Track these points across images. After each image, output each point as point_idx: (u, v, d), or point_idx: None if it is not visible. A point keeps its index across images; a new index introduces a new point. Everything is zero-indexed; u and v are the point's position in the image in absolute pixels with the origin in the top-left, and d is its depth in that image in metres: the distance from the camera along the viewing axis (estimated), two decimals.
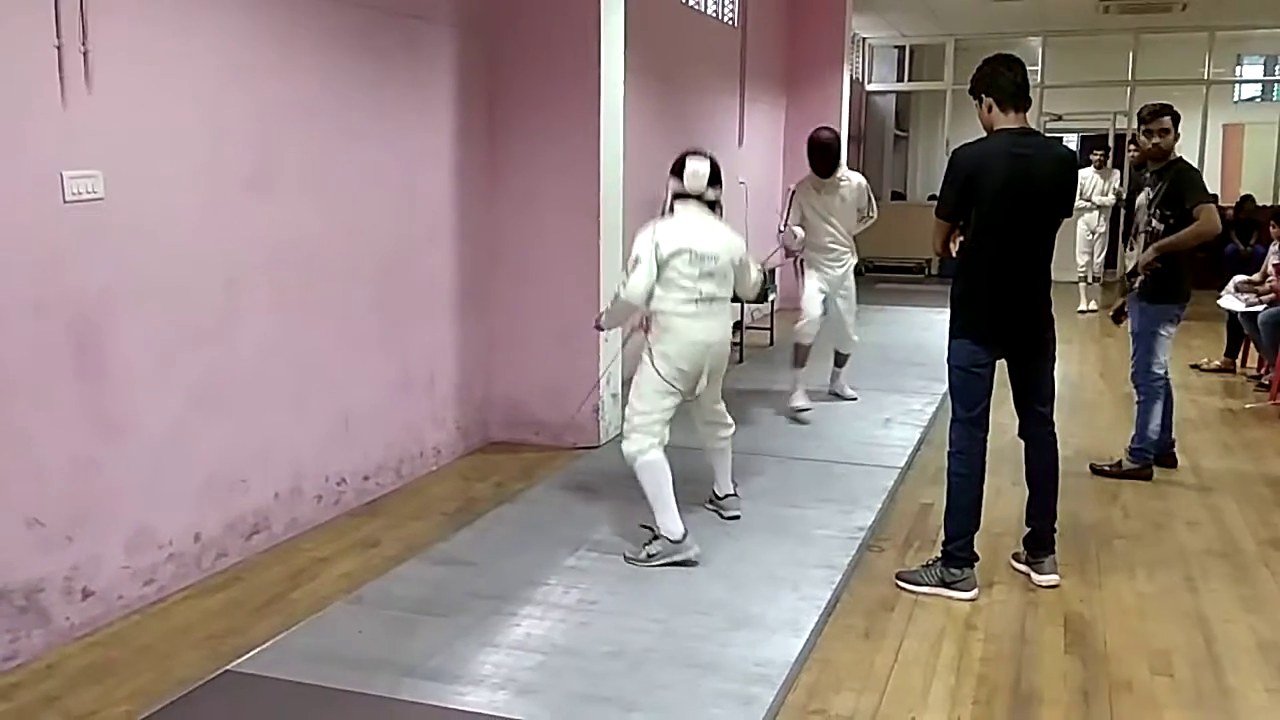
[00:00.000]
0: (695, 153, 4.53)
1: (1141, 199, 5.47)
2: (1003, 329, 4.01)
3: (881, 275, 14.59)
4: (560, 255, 5.93)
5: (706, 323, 4.39)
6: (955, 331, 4.07)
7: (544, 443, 6.07)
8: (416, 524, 4.83)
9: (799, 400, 6.70)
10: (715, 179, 4.48)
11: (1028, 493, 4.26)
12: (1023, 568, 4.25)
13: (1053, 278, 4.10)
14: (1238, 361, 8.50)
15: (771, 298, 9.27)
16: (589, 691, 3.26)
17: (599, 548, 4.44)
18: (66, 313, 3.51)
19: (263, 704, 3.21)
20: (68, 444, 3.56)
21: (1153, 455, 5.56)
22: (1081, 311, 11.52)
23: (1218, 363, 8.49)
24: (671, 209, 4.47)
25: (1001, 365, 4.11)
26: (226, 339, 4.19)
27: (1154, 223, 5.32)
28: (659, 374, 4.37)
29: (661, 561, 4.25)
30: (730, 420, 4.83)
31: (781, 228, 6.75)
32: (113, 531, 3.75)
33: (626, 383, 6.58)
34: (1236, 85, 16.08)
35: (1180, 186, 5.21)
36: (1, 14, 3.24)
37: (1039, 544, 4.22)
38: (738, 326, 9.02)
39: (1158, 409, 5.49)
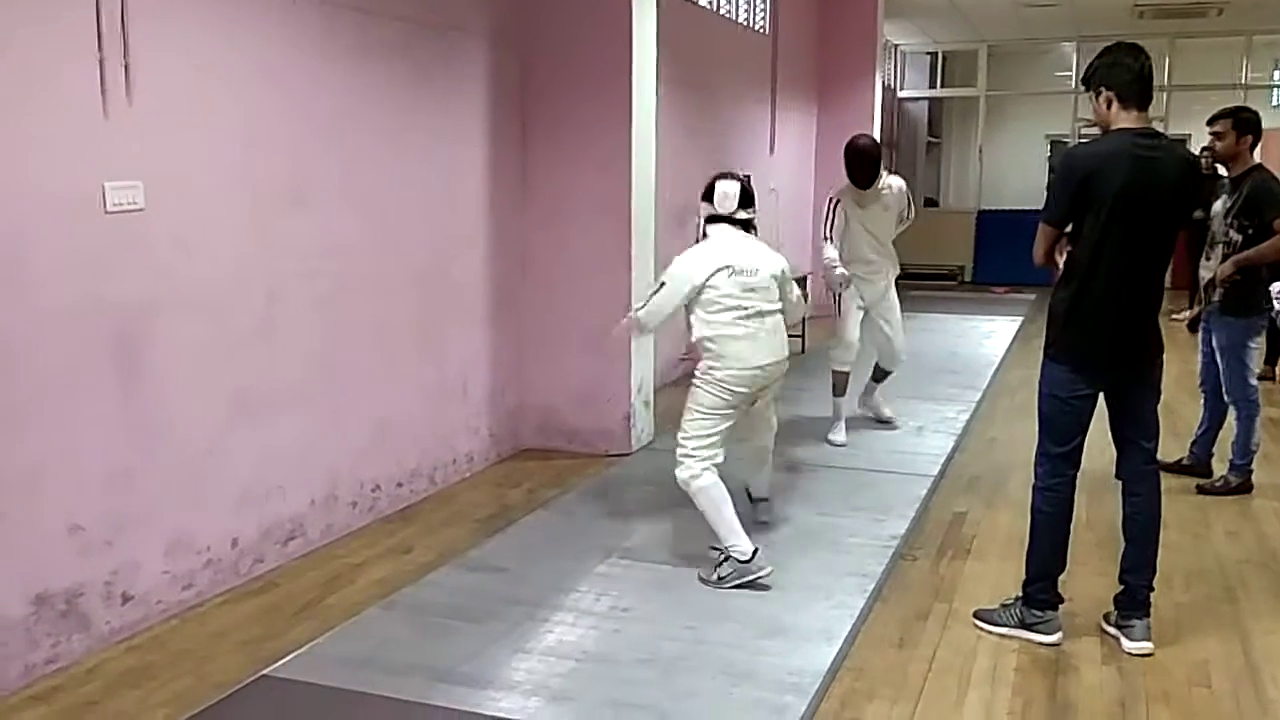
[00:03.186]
0: (725, 175, 4.50)
1: (1218, 207, 5.28)
2: (1111, 355, 3.56)
3: (915, 282, 14.50)
4: (592, 263, 5.96)
5: (760, 344, 4.25)
6: (1053, 355, 3.62)
7: (576, 450, 6.09)
8: (450, 530, 4.86)
9: (837, 435, 6.29)
10: (746, 200, 4.42)
11: (1123, 542, 3.76)
12: (1112, 631, 3.76)
13: None
14: (1277, 370, 8.38)
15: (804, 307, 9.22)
16: (621, 699, 3.26)
17: (631, 555, 4.45)
18: (108, 321, 3.57)
19: (298, 708, 3.24)
20: (108, 451, 3.61)
21: (1253, 469, 5.42)
22: None
23: (1259, 370, 8.37)
24: (705, 234, 4.44)
25: None
26: (264, 347, 4.24)
27: (1231, 233, 5.12)
28: (712, 398, 4.24)
29: (735, 583, 4.11)
30: (774, 424, 4.72)
31: (826, 235, 6.15)
32: (152, 537, 3.80)
33: (658, 390, 6.62)
34: (1274, 90, 15.89)
35: (1259, 197, 5.00)
36: (45, 28, 3.31)
37: (1132, 604, 3.70)
38: None
39: (1259, 422, 5.35)
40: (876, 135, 11.72)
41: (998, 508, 5.18)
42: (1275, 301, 5.29)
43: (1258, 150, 5.30)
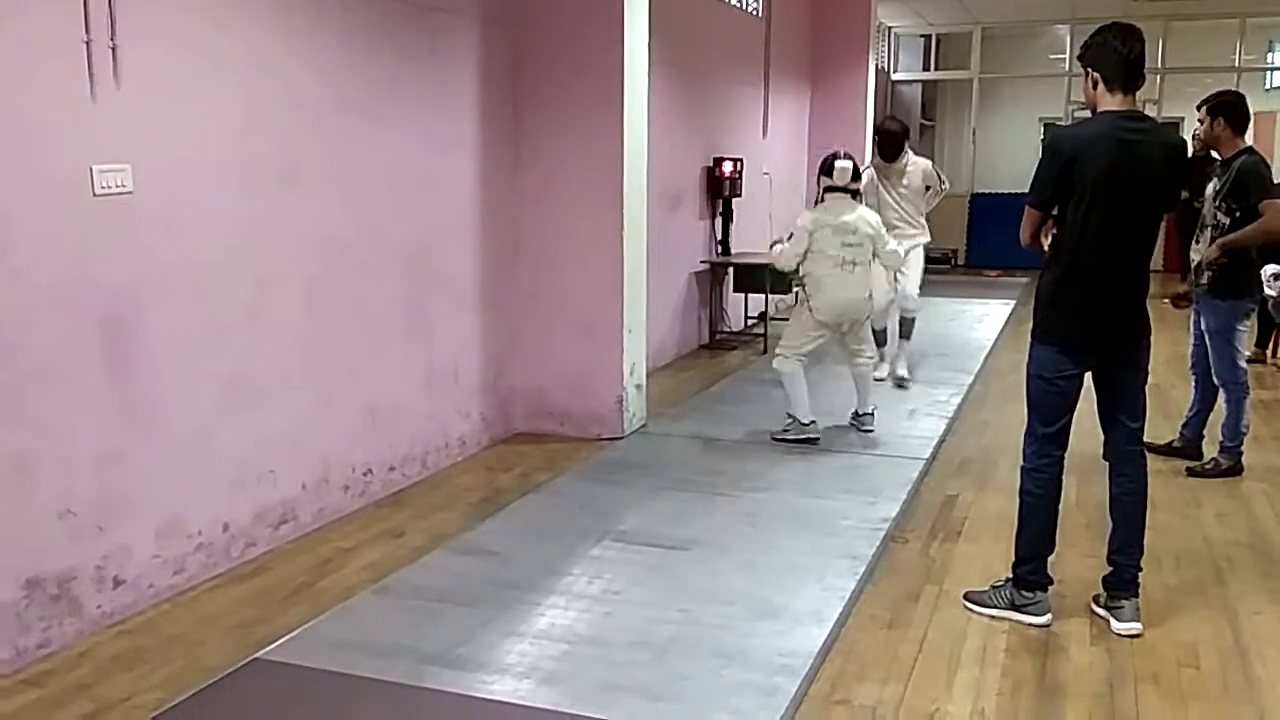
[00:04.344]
0: (839, 155, 5.89)
1: (1209, 190, 5.28)
2: (1096, 336, 3.58)
3: None
4: (584, 247, 5.95)
5: (847, 281, 5.74)
6: (1040, 336, 3.65)
7: (568, 433, 6.09)
8: (442, 514, 4.86)
9: (901, 368, 7.47)
10: (855, 176, 5.87)
11: (1110, 524, 3.79)
12: (1101, 612, 3.77)
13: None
14: (1269, 352, 8.41)
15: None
16: (613, 681, 3.27)
17: (623, 538, 4.46)
18: (97, 305, 3.56)
19: (290, 691, 3.24)
20: (98, 435, 3.60)
21: (1243, 451, 5.44)
22: None
23: (1249, 353, 8.38)
24: (822, 198, 5.87)
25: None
26: (254, 331, 4.23)
27: (1219, 216, 5.13)
28: (809, 319, 5.84)
29: (792, 437, 5.85)
30: (871, 351, 6.23)
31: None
32: (143, 521, 3.80)
33: (651, 374, 6.62)
34: (1268, 73, 15.88)
35: (1246, 180, 5.00)
36: (31, 9, 3.29)
37: (1120, 584, 3.72)
38: (761, 317, 9.03)
39: (1248, 405, 5.35)
40: (870, 118, 11.75)
41: (989, 490, 5.20)
42: (1266, 285, 5.30)
43: (1251, 132, 5.28)
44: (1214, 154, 5.51)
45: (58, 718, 3.12)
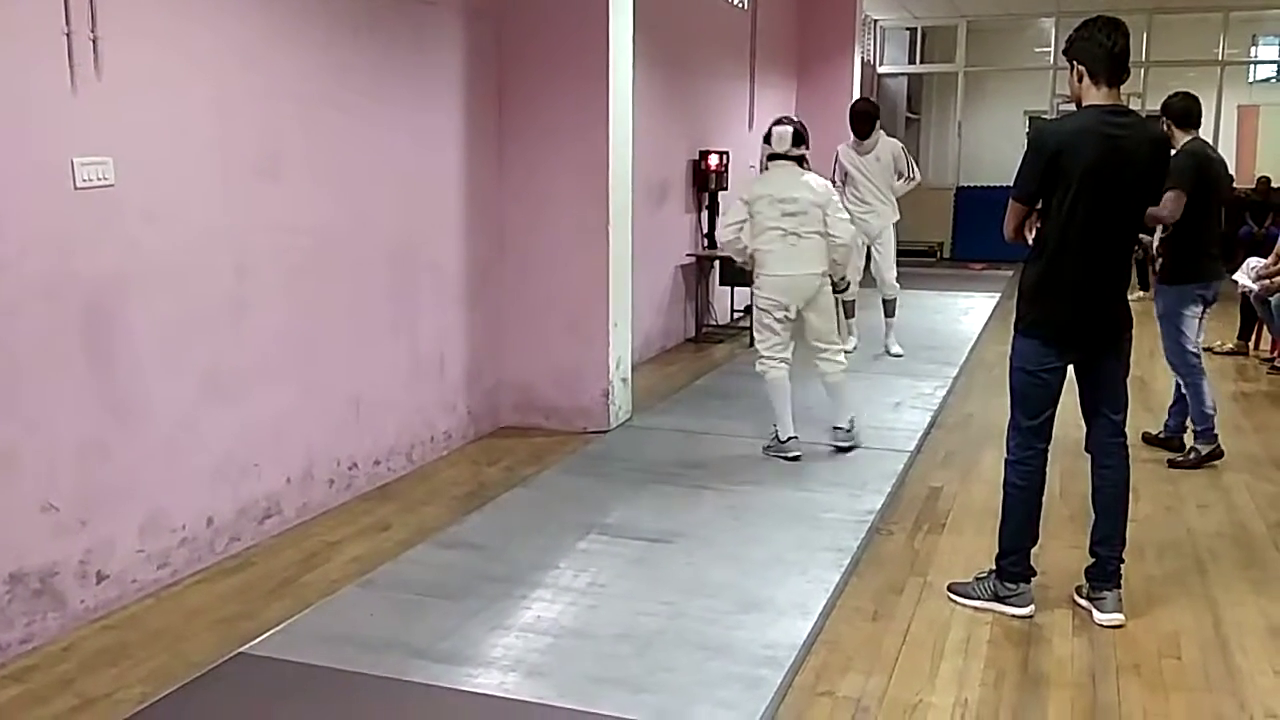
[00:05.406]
0: (781, 120, 5.58)
1: None
2: (1080, 328, 3.60)
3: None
4: (569, 240, 5.94)
5: (792, 257, 5.29)
6: (1023, 329, 3.66)
7: (554, 427, 6.09)
8: (427, 508, 4.86)
9: (893, 345, 8.04)
10: (798, 140, 5.44)
11: (1092, 515, 3.82)
12: (1083, 603, 3.80)
13: None
14: (1251, 344, 8.47)
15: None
16: (598, 674, 3.28)
17: (609, 531, 4.46)
18: (78, 298, 3.54)
19: (275, 685, 3.24)
20: (81, 429, 3.59)
21: (1217, 433, 5.49)
22: None
23: (1231, 345, 8.46)
24: (766, 168, 5.52)
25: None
26: (237, 324, 4.22)
27: None
28: (761, 307, 5.44)
29: (772, 454, 5.47)
30: (841, 359, 5.62)
31: (831, 179, 6.99)
32: (126, 516, 3.79)
33: (636, 368, 6.62)
34: (1252, 66, 15.95)
35: (1171, 168, 5.14)
36: (10, 2, 3.26)
37: (1103, 576, 3.74)
38: (747, 311, 9.01)
39: (1205, 386, 5.40)
40: None
41: (973, 482, 5.22)
42: (1246, 278, 5.34)
43: (1234, 124, 5.34)
44: None
45: (41, 713, 3.11)
